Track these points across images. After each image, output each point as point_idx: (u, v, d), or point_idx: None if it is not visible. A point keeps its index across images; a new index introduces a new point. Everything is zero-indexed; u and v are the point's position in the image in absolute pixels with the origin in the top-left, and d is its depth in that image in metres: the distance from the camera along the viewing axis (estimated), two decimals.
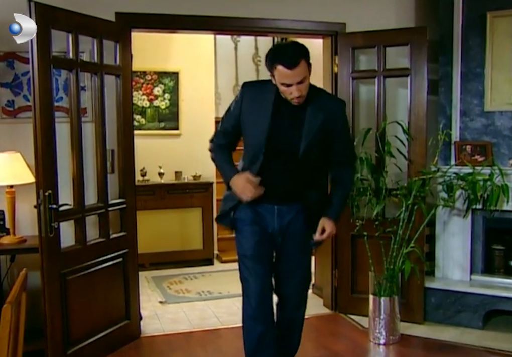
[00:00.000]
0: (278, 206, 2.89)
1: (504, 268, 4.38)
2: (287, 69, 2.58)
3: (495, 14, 4.23)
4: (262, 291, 2.95)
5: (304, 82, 2.65)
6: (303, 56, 2.62)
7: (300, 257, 3.04)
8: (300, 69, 2.59)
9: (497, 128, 4.28)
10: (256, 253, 2.92)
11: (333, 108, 2.87)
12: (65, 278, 3.43)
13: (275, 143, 2.77)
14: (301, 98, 2.69)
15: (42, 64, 3.20)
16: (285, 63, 2.58)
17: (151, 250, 5.79)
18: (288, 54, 2.61)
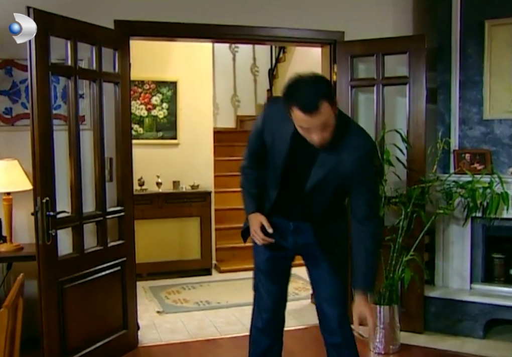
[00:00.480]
0: (294, 223, 2.70)
1: (504, 277, 4.35)
2: (304, 115, 2.21)
3: (492, 22, 4.25)
4: (273, 306, 2.84)
5: (328, 127, 2.27)
6: (325, 97, 2.21)
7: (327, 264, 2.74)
8: (322, 113, 2.20)
9: (496, 136, 4.28)
10: (267, 269, 2.80)
11: (353, 151, 2.43)
12: (62, 286, 3.39)
13: (288, 178, 2.57)
14: (324, 143, 2.33)
15: (40, 71, 3.20)
16: (302, 107, 2.20)
17: (149, 260, 5.74)
18: (306, 95, 2.21)
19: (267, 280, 2.81)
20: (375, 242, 2.60)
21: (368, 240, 2.55)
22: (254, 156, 2.73)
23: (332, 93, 2.33)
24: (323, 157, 2.44)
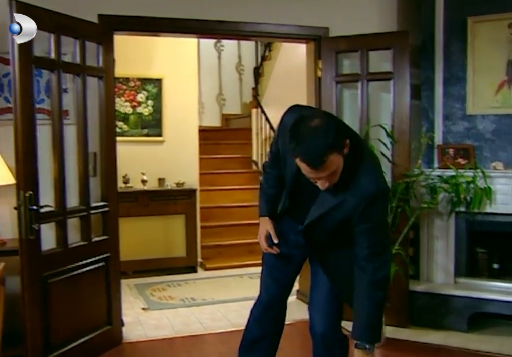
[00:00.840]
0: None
1: (488, 271, 4.39)
2: (309, 168, 2.13)
3: (475, 19, 4.28)
4: (268, 302, 2.82)
5: (335, 175, 2.19)
6: (333, 150, 2.09)
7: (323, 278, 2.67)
8: (328, 166, 2.12)
9: (479, 131, 4.32)
10: (271, 262, 2.79)
11: (358, 193, 2.29)
12: (46, 281, 3.37)
13: (296, 193, 2.55)
14: (329, 187, 2.25)
15: (23, 63, 3.17)
16: (307, 163, 2.11)
17: (134, 257, 5.72)
18: (312, 151, 2.08)
19: (269, 276, 2.80)
20: (378, 289, 2.36)
21: (371, 287, 2.34)
22: (274, 157, 2.65)
23: (341, 140, 2.14)
24: (322, 196, 2.36)
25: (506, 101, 4.22)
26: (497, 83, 4.24)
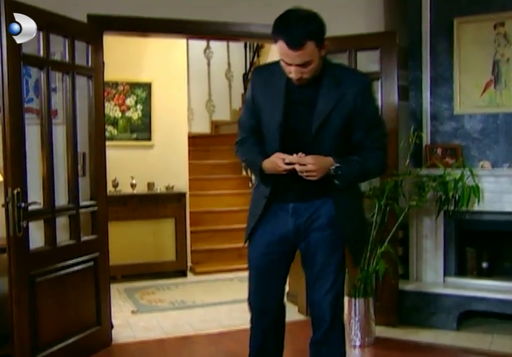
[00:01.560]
0: (294, 204, 2.56)
1: (477, 269, 4.41)
2: (288, 49, 2.26)
3: (461, 20, 4.34)
4: (262, 309, 2.72)
5: (309, 65, 2.32)
6: (311, 37, 2.27)
7: (325, 264, 2.59)
8: (305, 52, 2.26)
9: (466, 130, 4.36)
10: (259, 265, 2.66)
11: (353, 83, 2.48)
12: (34, 280, 3.34)
13: (290, 125, 2.49)
14: (302, 80, 2.38)
15: (12, 61, 3.17)
16: (287, 42, 2.26)
17: (124, 262, 5.68)
18: (294, 31, 2.25)
19: (257, 279, 2.69)
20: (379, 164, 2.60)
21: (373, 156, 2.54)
22: (249, 130, 2.67)
23: (322, 35, 2.35)
24: (324, 94, 2.44)
25: (492, 100, 4.27)
26: (483, 83, 4.29)
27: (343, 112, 2.46)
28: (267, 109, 2.55)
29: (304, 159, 2.39)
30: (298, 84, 2.43)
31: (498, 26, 4.24)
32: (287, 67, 2.37)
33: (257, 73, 2.71)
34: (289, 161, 2.41)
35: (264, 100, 2.56)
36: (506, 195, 4.14)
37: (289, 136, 2.50)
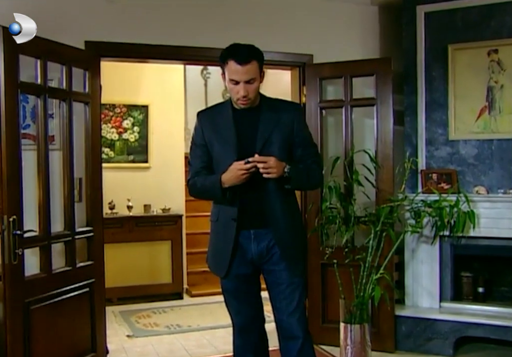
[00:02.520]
0: (254, 230, 2.73)
1: (473, 295, 4.41)
2: (238, 65, 2.58)
3: (455, 47, 4.39)
4: (246, 325, 2.88)
5: (253, 84, 2.64)
6: (256, 57, 2.64)
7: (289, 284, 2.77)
8: (251, 68, 2.60)
9: (461, 156, 4.38)
10: (232, 288, 2.81)
11: (288, 109, 2.83)
12: (29, 307, 3.32)
13: (242, 148, 2.70)
14: (247, 99, 2.66)
15: (9, 89, 3.19)
16: (237, 59, 2.59)
17: (119, 284, 5.68)
18: (242, 51, 2.63)
19: (237, 301, 2.85)
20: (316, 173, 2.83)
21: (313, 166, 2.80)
22: (202, 166, 2.82)
23: (262, 61, 2.70)
24: (264, 118, 2.74)
25: (487, 126, 4.30)
26: (477, 109, 4.32)
27: (282, 132, 2.75)
28: (221, 140, 2.77)
29: (264, 157, 2.60)
30: (244, 106, 2.70)
31: (492, 53, 4.28)
32: (235, 88, 2.64)
33: (202, 116, 2.88)
34: (250, 161, 2.59)
35: (216, 135, 2.78)
36: (502, 221, 4.15)
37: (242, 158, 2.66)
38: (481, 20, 4.32)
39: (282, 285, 2.77)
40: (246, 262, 2.77)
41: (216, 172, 2.77)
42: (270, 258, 2.76)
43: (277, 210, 2.73)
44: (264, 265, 2.79)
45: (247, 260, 2.77)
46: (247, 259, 2.76)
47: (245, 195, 2.70)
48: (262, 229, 2.74)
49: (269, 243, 2.75)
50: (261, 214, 2.72)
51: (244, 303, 2.85)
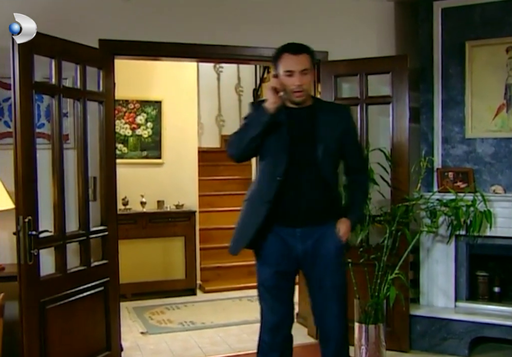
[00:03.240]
0: (300, 229, 2.80)
1: (488, 295, 4.37)
2: (291, 55, 2.72)
3: (473, 43, 4.32)
4: (277, 323, 2.88)
5: (307, 75, 2.73)
6: (307, 51, 2.77)
7: (332, 284, 2.84)
8: (305, 59, 2.73)
9: (478, 154, 4.33)
10: (271, 285, 2.84)
11: (343, 113, 2.94)
12: (44, 307, 3.34)
13: (294, 152, 2.75)
14: (303, 91, 2.73)
15: (24, 89, 3.18)
16: (290, 50, 2.74)
17: (133, 280, 5.69)
18: (294, 45, 2.79)
19: (270, 295, 2.86)
20: (368, 186, 3.20)
21: (364, 181, 3.09)
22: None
23: (314, 57, 2.82)
24: (322, 122, 2.81)
25: (505, 124, 4.24)
26: (495, 107, 4.27)
27: (339, 137, 2.84)
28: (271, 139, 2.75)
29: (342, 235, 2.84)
30: (299, 99, 2.75)
31: (510, 50, 4.22)
32: (291, 79, 2.70)
33: (256, 107, 2.83)
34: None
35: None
36: None
37: (293, 165, 2.74)
38: (499, 16, 4.24)
39: (325, 288, 2.84)
40: (290, 259, 2.82)
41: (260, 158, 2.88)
42: (315, 258, 2.82)
43: (322, 209, 2.83)
44: (307, 264, 2.85)
45: (291, 257, 2.81)
46: (291, 256, 2.81)
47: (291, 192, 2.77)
48: (309, 228, 2.81)
49: (315, 243, 2.81)
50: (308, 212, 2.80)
51: (279, 300, 2.86)
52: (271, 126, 2.70)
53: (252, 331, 4.81)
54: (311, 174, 2.77)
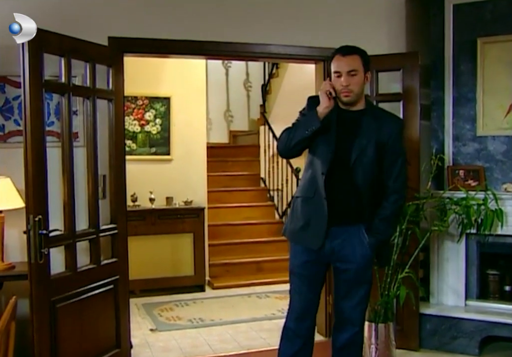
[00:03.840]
0: (331, 227, 2.90)
1: (499, 293, 4.34)
2: (341, 56, 2.81)
3: (485, 40, 4.28)
4: (303, 309, 3.02)
5: (355, 76, 2.79)
6: (359, 52, 2.84)
7: (353, 284, 2.99)
8: (353, 60, 2.80)
9: (489, 152, 4.30)
10: (302, 273, 3.00)
11: (389, 122, 2.95)
12: (54, 306, 3.34)
13: (336, 153, 2.85)
14: (349, 91, 2.79)
15: (34, 88, 3.17)
16: (341, 52, 2.83)
17: (142, 276, 5.71)
18: (346, 47, 2.87)
19: (300, 282, 3.01)
20: (394, 211, 3.00)
21: (388, 206, 2.94)
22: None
23: (367, 59, 2.87)
24: (365, 125, 2.86)
25: None
26: (507, 105, 4.23)
27: (377, 144, 2.86)
28: (321, 137, 2.86)
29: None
30: (346, 99, 2.82)
31: None
32: (339, 81, 2.80)
33: (314, 101, 2.92)
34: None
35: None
36: None
37: (334, 161, 2.85)
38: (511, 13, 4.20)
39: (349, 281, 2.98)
40: (319, 253, 2.93)
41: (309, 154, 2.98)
42: (341, 256, 2.94)
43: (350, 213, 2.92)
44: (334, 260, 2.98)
45: (319, 252, 2.93)
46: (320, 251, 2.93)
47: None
48: (338, 227, 2.91)
49: (343, 242, 2.92)
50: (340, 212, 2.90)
51: (307, 286, 2.99)
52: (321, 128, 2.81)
53: (260, 329, 4.83)
54: (344, 177, 2.87)
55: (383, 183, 2.96)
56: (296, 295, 3.03)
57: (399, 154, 2.96)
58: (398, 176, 2.95)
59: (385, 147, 2.88)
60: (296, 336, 3.03)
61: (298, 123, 2.91)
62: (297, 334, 3.03)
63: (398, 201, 2.97)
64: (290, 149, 2.91)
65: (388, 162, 2.92)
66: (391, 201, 2.94)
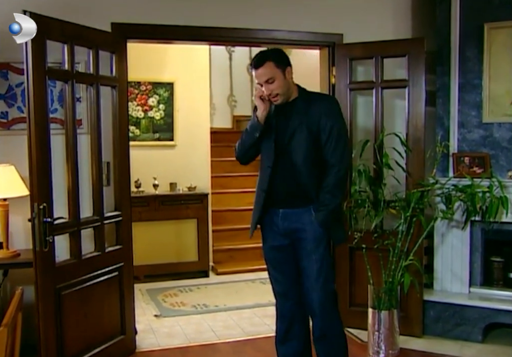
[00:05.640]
0: (283, 210, 3.07)
1: (503, 280, 4.34)
2: (254, 70, 2.97)
3: (492, 25, 4.22)
4: (282, 290, 3.22)
5: (273, 83, 2.93)
6: (268, 58, 2.94)
7: (309, 263, 3.07)
8: (265, 70, 2.92)
9: (495, 139, 4.26)
10: (270, 258, 3.19)
11: (317, 101, 3.07)
12: (60, 293, 3.36)
13: (277, 142, 3.03)
14: (274, 97, 2.97)
15: (37, 75, 3.15)
16: (252, 66, 2.99)
17: (146, 262, 5.72)
18: (256, 58, 2.99)
19: (272, 268, 3.21)
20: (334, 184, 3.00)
21: (329, 180, 2.99)
22: None
23: (281, 59, 2.98)
24: (296, 109, 3.02)
25: None
26: None
27: (309, 123, 2.99)
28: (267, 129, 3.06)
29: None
30: (276, 103, 3.00)
31: None
32: (263, 89, 2.96)
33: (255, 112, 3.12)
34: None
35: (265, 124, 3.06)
36: None
37: (277, 157, 3.04)
38: None
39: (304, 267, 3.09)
40: (279, 235, 3.10)
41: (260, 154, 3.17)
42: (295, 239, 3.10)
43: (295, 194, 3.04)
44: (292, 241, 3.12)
45: (278, 233, 3.10)
46: (278, 232, 3.10)
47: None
48: (290, 209, 3.06)
49: (293, 223, 3.07)
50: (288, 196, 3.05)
51: (280, 272, 3.17)
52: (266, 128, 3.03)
53: (264, 314, 4.85)
54: (286, 161, 3.03)
55: (323, 157, 3.04)
56: (274, 282, 3.23)
57: (332, 129, 3.00)
58: (334, 149, 3.00)
59: (318, 125, 2.99)
60: (286, 311, 3.23)
61: (245, 131, 3.12)
62: (285, 310, 3.23)
63: (338, 173, 3.02)
64: (244, 154, 3.16)
65: (324, 139, 3.00)
66: (331, 174, 3.01)
